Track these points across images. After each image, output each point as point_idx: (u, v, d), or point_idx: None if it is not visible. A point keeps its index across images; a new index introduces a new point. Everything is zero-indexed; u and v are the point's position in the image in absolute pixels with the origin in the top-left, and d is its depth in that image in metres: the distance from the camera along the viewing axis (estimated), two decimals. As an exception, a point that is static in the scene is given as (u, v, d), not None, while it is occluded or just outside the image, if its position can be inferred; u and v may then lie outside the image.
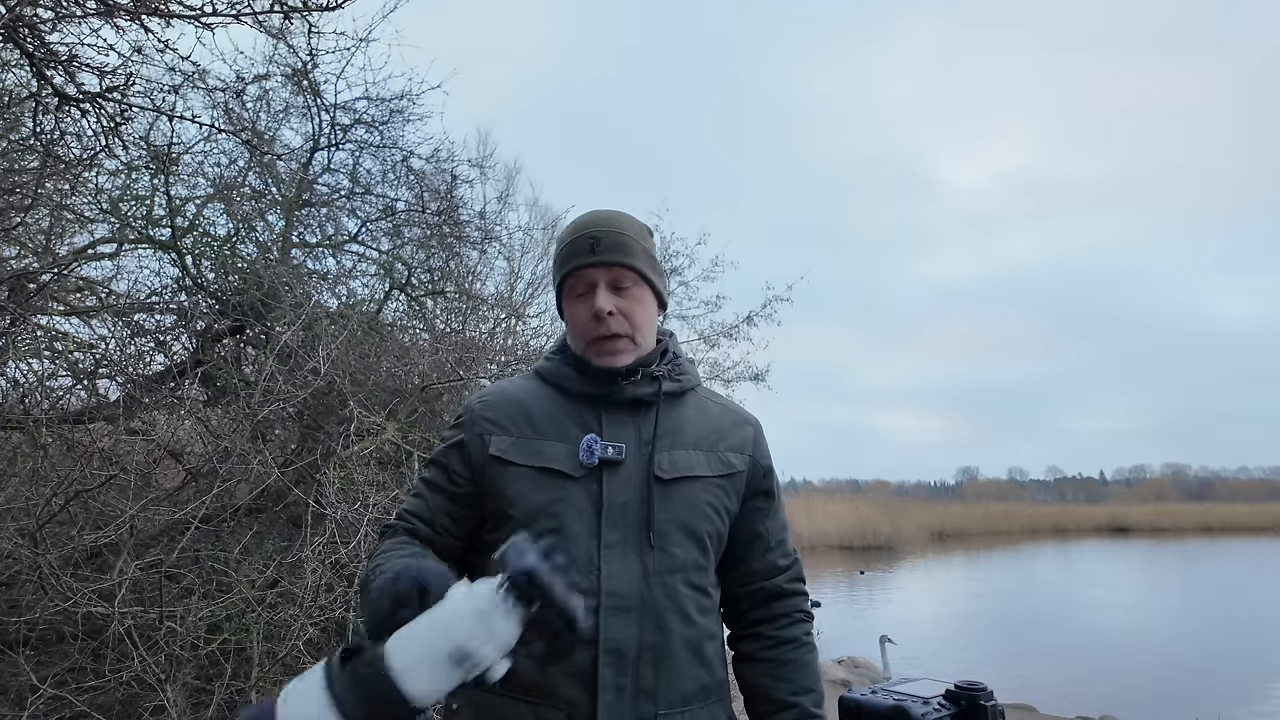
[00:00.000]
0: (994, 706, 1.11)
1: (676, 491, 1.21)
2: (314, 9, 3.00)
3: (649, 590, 1.16)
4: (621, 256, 1.24)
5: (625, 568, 1.16)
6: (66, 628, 2.51)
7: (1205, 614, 14.56)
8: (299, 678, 0.77)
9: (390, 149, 4.88)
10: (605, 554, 1.16)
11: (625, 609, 1.14)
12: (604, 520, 1.17)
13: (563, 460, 1.20)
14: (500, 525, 1.20)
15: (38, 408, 3.07)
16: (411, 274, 4.90)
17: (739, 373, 9.96)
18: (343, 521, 2.77)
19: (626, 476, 1.20)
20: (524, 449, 1.22)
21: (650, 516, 1.18)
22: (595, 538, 1.16)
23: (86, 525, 2.70)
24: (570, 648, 0.86)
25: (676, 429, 1.26)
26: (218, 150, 4.31)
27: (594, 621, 1.11)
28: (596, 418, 1.23)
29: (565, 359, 1.30)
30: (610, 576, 1.15)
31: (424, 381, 3.52)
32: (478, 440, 1.24)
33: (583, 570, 1.14)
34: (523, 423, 1.24)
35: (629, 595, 1.15)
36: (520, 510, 1.18)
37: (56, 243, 3.77)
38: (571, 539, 1.15)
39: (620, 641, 1.13)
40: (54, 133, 2.96)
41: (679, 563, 1.19)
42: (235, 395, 3.28)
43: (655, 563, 1.17)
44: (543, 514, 1.17)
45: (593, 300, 1.23)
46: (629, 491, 1.19)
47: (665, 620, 1.16)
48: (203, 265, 3.98)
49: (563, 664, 1.10)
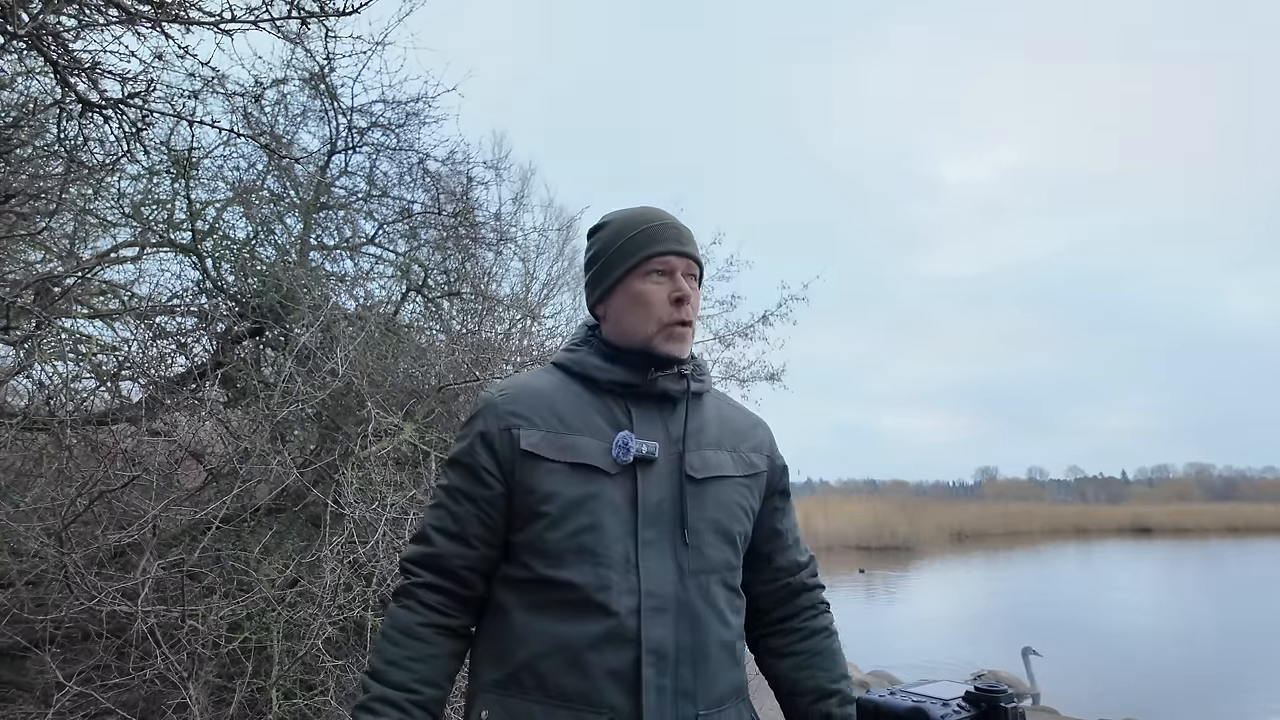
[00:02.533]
0: (1014, 709, 1.09)
1: (707, 491, 1.21)
2: (331, 14, 3.02)
3: (684, 591, 1.15)
4: (696, 251, 1.27)
5: (662, 567, 1.15)
6: (91, 626, 2.54)
7: (1230, 616, 14.32)
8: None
9: (406, 151, 4.90)
10: (643, 553, 1.14)
11: (663, 609, 1.13)
12: (640, 518, 1.15)
13: (597, 456, 1.17)
14: (529, 523, 1.17)
15: (63, 409, 3.12)
16: (428, 275, 4.92)
17: (754, 372, 9.93)
18: (361, 521, 2.79)
19: (659, 474, 1.19)
20: (555, 444, 1.18)
21: (684, 515, 1.17)
22: (632, 536, 1.15)
23: (110, 525, 2.74)
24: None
25: (701, 429, 1.26)
26: (237, 154, 4.34)
27: (635, 622, 1.10)
28: (626, 413, 1.21)
29: (592, 349, 1.28)
30: (649, 576, 1.13)
31: (441, 382, 3.53)
32: (505, 435, 1.19)
33: (620, 569, 1.12)
34: (549, 416, 1.20)
35: (666, 595, 1.13)
36: (555, 507, 1.15)
37: (80, 247, 3.82)
38: (608, 537, 1.14)
39: (660, 642, 1.11)
40: (77, 139, 3.00)
41: (713, 563, 1.19)
42: (255, 396, 3.31)
43: (690, 563, 1.16)
44: (579, 511, 1.15)
45: (677, 283, 1.23)
46: (662, 490, 1.18)
47: (702, 621, 1.16)
48: (223, 268, 4.03)
49: (602, 666, 1.09)
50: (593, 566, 1.12)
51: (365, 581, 2.75)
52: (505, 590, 1.19)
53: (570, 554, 1.13)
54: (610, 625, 1.10)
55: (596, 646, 1.09)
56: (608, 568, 1.12)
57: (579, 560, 1.13)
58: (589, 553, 1.13)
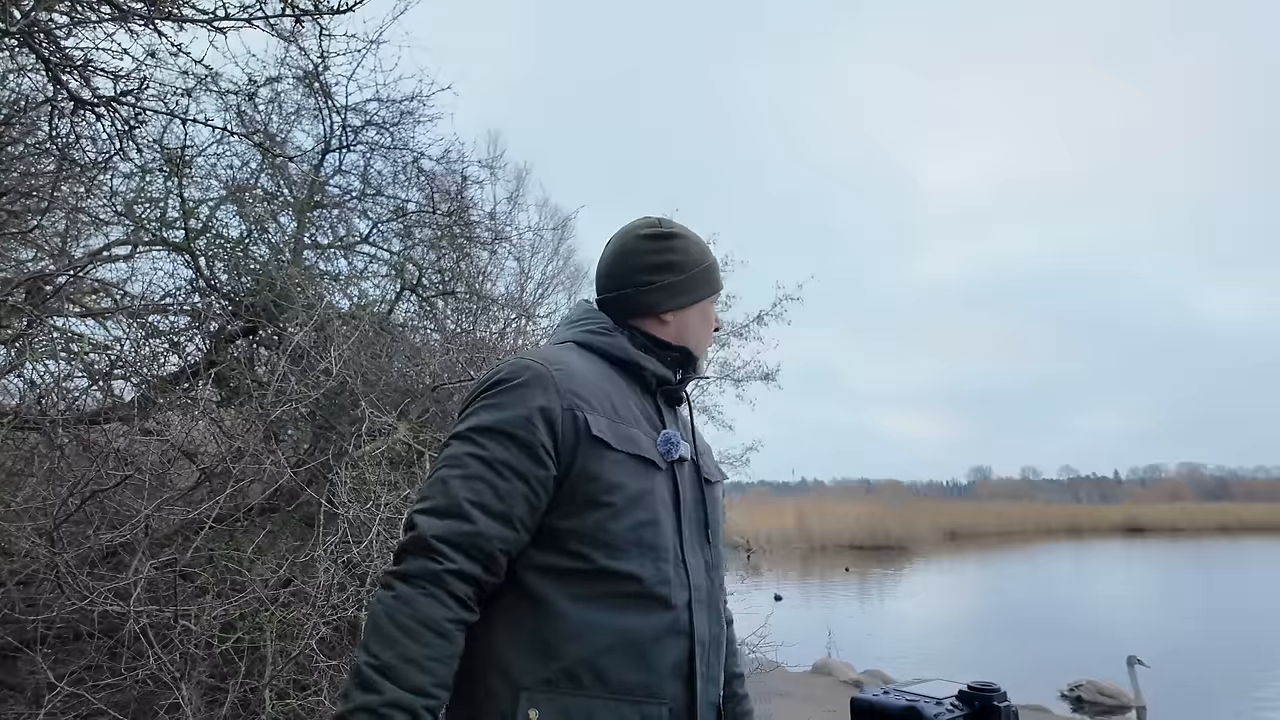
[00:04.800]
0: (1008, 707, 1.09)
1: (716, 493, 1.32)
2: (325, 12, 3.02)
3: (711, 585, 1.23)
4: None
5: (698, 563, 1.22)
6: (83, 626, 2.53)
7: (1224, 615, 14.39)
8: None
9: (401, 150, 4.91)
10: (686, 548, 1.20)
11: (703, 602, 1.20)
12: (681, 515, 1.21)
13: (650, 450, 1.19)
14: (587, 511, 1.12)
15: (54, 408, 3.10)
16: (422, 274, 4.92)
17: (749, 372, 9.95)
18: (354, 521, 2.78)
19: (688, 475, 1.26)
20: (618, 433, 1.16)
21: (706, 514, 1.26)
22: (678, 532, 1.20)
23: (102, 525, 2.73)
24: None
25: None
26: (230, 152, 4.34)
27: (688, 615, 1.16)
28: (657, 410, 1.27)
29: (632, 337, 1.28)
30: (693, 570, 1.20)
31: (435, 381, 3.53)
32: (569, 416, 1.12)
33: (674, 564, 1.17)
34: (606, 403, 1.18)
35: (703, 589, 1.21)
36: (620, 498, 1.13)
37: (72, 245, 3.81)
38: (665, 531, 1.18)
39: (703, 633, 1.18)
40: (69, 136, 2.99)
41: (723, 559, 1.30)
42: (248, 396, 3.31)
43: (713, 558, 1.26)
44: (640, 504, 1.15)
45: (714, 316, 1.41)
46: (692, 489, 1.26)
47: (720, 613, 1.26)
48: (216, 267, 4.02)
49: (666, 658, 1.14)
50: (653, 560, 1.15)
51: (359, 581, 2.75)
52: (545, 580, 1.11)
53: (633, 546, 1.13)
54: (670, 618, 1.15)
55: (659, 639, 1.13)
56: (666, 562, 1.16)
57: (641, 554, 1.14)
58: (649, 546, 1.15)
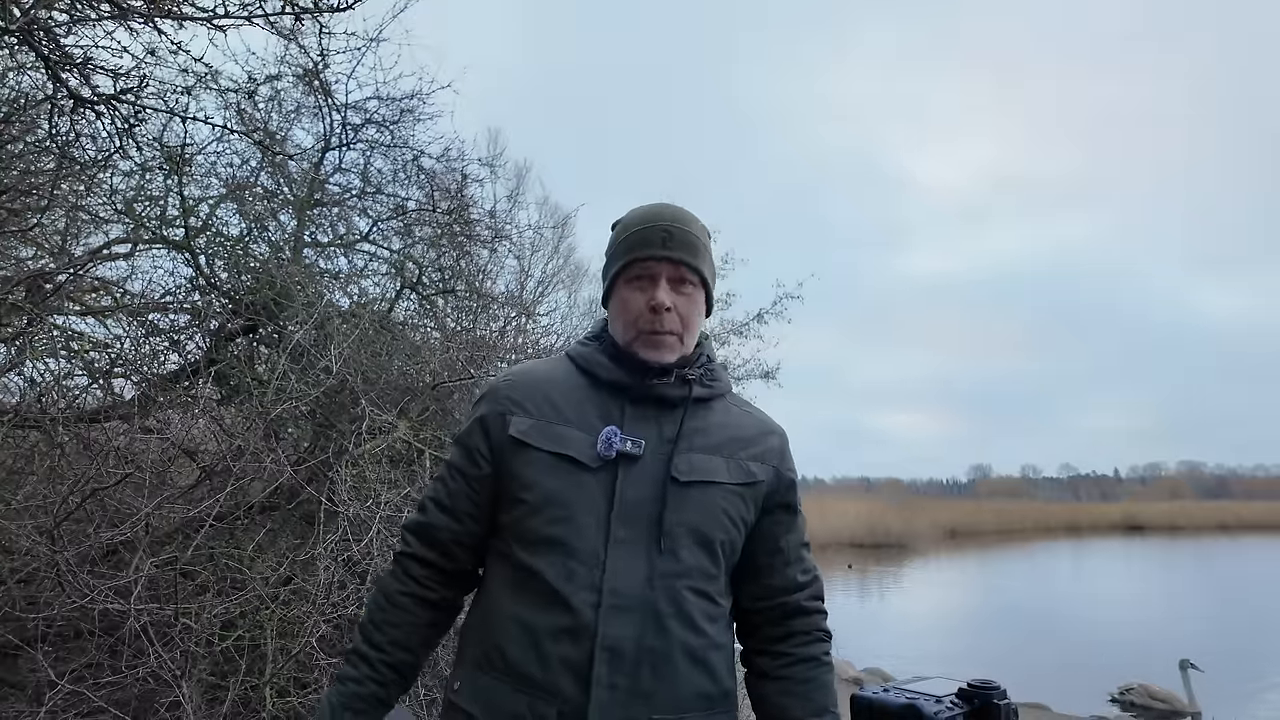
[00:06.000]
0: (1007, 705, 1.10)
1: (692, 495, 1.19)
2: (325, 10, 3.01)
3: (652, 592, 1.15)
4: (689, 256, 1.24)
5: (631, 567, 1.15)
6: (84, 624, 2.53)
7: (1223, 613, 14.41)
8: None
9: (401, 148, 4.89)
10: (613, 550, 1.15)
11: (626, 609, 1.13)
12: (614, 516, 1.16)
13: (580, 449, 1.18)
14: (513, 507, 1.21)
15: (55, 406, 3.10)
16: (422, 273, 4.91)
17: (749, 370, 9.95)
18: (355, 519, 2.78)
19: (643, 474, 1.18)
20: (543, 433, 1.20)
21: (662, 517, 1.17)
22: (604, 533, 1.15)
23: (103, 523, 2.73)
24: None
25: (698, 432, 1.24)
26: (230, 151, 4.32)
27: (594, 618, 1.12)
28: (620, 409, 1.22)
29: (602, 346, 1.28)
30: (615, 574, 1.14)
31: (435, 380, 3.52)
32: (499, 420, 1.24)
33: (587, 564, 1.14)
34: (545, 405, 1.23)
35: (631, 595, 1.14)
36: (534, 495, 1.18)
37: (72, 243, 3.81)
38: (578, 531, 1.15)
39: (618, 640, 1.12)
40: (69, 135, 2.99)
41: (686, 568, 1.18)
42: (248, 394, 3.30)
43: (662, 565, 1.16)
44: (555, 503, 1.17)
45: (653, 292, 1.22)
46: (644, 489, 1.17)
47: (667, 624, 1.15)
48: (216, 265, 4.01)
49: (560, 656, 1.13)
50: (562, 559, 1.15)
51: (359, 579, 2.75)
52: (493, 568, 1.26)
53: (543, 544, 1.17)
54: (569, 618, 1.13)
55: (555, 637, 1.13)
56: (577, 561, 1.15)
57: (549, 551, 1.16)
58: (559, 544, 1.16)
